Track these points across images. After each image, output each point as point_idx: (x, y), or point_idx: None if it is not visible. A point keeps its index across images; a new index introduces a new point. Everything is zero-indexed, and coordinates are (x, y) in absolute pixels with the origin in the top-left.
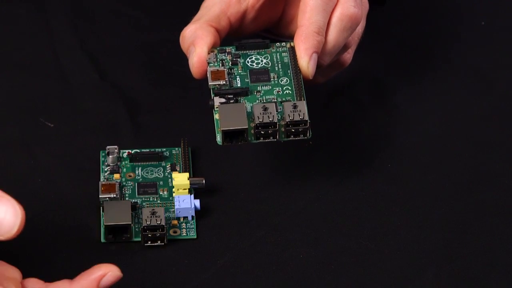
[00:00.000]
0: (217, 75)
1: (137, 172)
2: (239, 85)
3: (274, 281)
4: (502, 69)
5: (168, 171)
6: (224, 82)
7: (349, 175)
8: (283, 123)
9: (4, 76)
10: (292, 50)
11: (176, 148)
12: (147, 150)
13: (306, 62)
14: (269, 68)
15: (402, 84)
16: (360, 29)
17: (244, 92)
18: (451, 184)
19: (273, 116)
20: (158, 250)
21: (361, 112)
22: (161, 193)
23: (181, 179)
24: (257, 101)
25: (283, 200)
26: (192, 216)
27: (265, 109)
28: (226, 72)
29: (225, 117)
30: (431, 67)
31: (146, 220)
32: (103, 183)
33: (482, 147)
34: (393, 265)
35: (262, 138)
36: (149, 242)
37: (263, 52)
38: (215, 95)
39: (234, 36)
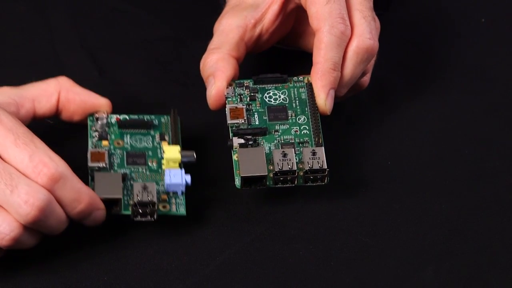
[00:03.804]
0: (235, 113)
1: (125, 140)
2: (257, 123)
3: (273, 277)
4: (502, 67)
5: (157, 141)
6: (243, 121)
7: (349, 172)
8: (301, 167)
9: (4, 73)
10: (310, 86)
11: (165, 116)
12: (136, 116)
13: (324, 100)
14: (286, 105)
15: (402, 82)
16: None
17: (262, 132)
18: (451, 181)
19: (292, 163)
20: (158, 246)
21: (361, 110)
22: (150, 164)
23: (172, 153)
24: (275, 141)
25: (283, 196)
26: (182, 192)
27: (285, 155)
28: (244, 110)
29: (244, 162)
30: (431, 65)
31: (137, 195)
32: (92, 151)
33: (482, 145)
34: (392, 261)
35: (280, 184)
36: (139, 217)
37: (280, 87)
38: (234, 135)
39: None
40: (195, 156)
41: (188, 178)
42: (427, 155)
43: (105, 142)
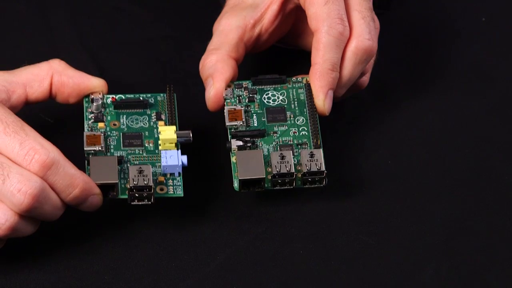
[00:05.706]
0: (234, 115)
1: (121, 121)
2: (255, 124)
3: (273, 277)
4: (502, 66)
5: (153, 120)
6: (241, 123)
7: (349, 171)
8: (299, 169)
9: None
10: (308, 87)
11: (161, 95)
12: (132, 96)
13: (322, 100)
14: (285, 106)
15: (402, 82)
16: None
17: (261, 133)
18: (452, 181)
19: (290, 165)
20: (158, 246)
21: (361, 110)
22: (146, 145)
23: (168, 133)
24: (274, 142)
25: (283, 196)
26: (179, 173)
27: (283, 157)
28: (243, 111)
29: (242, 165)
30: (431, 63)
31: (133, 179)
32: (88, 134)
33: (482, 144)
34: (393, 261)
35: (278, 186)
36: (136, 201)
37: (279, 88)
38: (232, 137)
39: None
40: (191, 135)
41: (184, 159)
42: (427, 155)
43: (101, 124)
